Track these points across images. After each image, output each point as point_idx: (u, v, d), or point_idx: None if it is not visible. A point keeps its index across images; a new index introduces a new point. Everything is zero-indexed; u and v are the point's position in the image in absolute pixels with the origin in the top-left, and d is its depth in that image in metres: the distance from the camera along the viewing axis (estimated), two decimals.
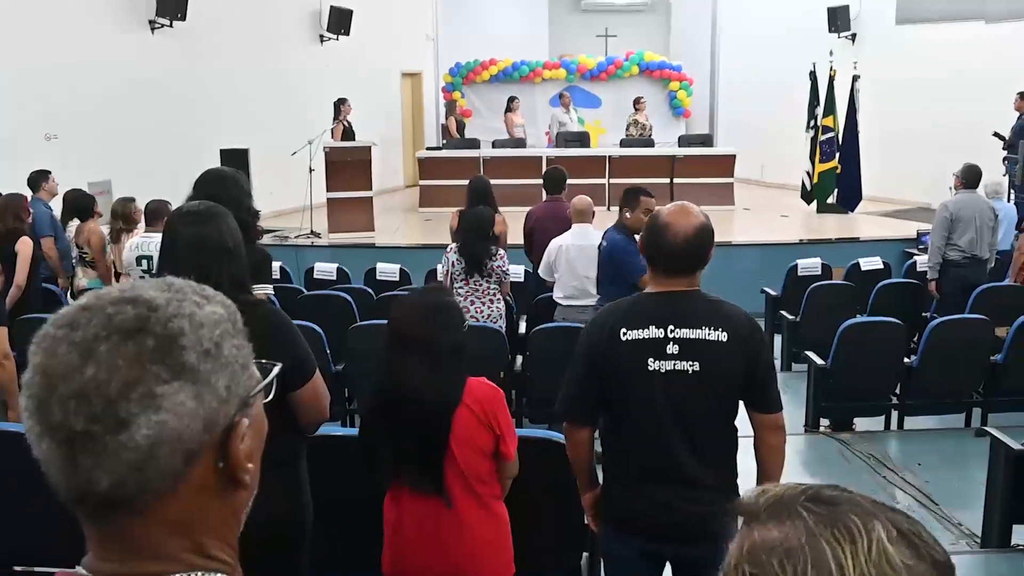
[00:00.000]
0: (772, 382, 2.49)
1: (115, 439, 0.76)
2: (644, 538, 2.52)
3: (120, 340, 0.78)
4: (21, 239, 5.75)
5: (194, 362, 0.80)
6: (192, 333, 0.81)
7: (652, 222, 2.52)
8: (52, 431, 0.77)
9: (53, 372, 0.77)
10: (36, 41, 8.64)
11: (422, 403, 2.41)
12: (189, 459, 0.80)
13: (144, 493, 0.79)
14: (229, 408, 0.83)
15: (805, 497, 0.77)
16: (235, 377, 0.84)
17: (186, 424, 0.79)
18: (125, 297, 0.82)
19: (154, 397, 0.77)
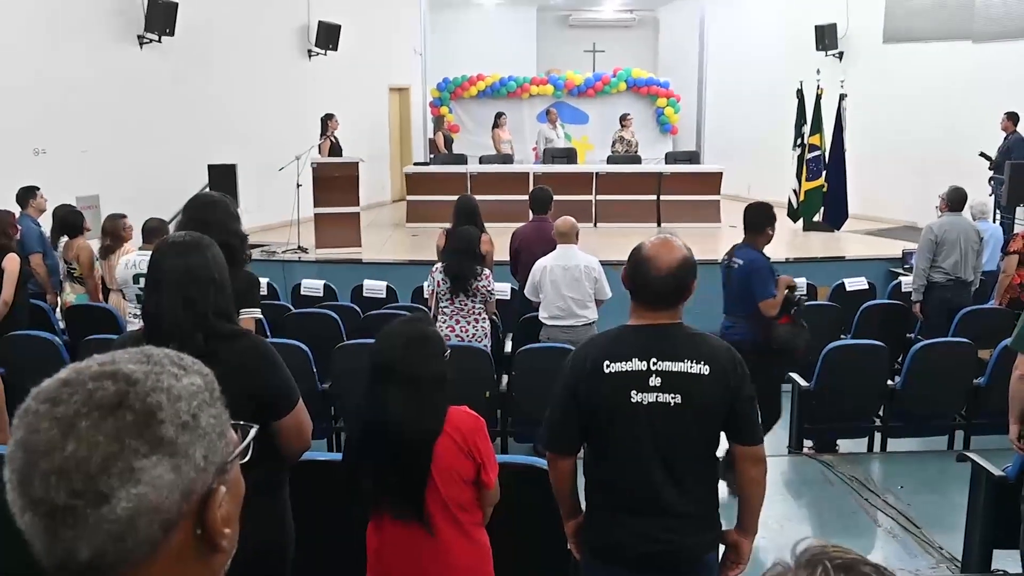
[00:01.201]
0: (753, 415, 2.51)
1: (96, 512, 0.78)
2: (625, 568, 2.53)
3: (100, 416, 0.80)
4: (8, 256, 5.73)
5: (172, 435, 0.83)
6: (170, 407, 0.84)
7: (635, 255, 2.53)
8: (34, 505, 0.79)
9: (35, 448, 0.80)
10: (25, 56, 8.62)
11: (404, 433, 2.43)
12: (167, 528, 0.83)
13: (124, 562, 0.81)
14: (207, 476, 0.86)
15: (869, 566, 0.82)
16: (212, 446, 0.87)
17: (164, 495, 0.81)
18: (105, 372, 0.84)
19: (133, 471, 0.80)
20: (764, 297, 4.92)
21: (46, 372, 3.27)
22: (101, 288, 6.84)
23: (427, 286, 5.91)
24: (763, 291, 4.92)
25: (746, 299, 4.97)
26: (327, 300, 7.50)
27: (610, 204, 12.31)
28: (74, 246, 6.77)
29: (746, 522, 2.61)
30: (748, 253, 5.07)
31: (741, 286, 4.99)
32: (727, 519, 2.63)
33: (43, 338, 5.41)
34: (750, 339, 4.79)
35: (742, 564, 2.64)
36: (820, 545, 0.85)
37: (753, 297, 4.92)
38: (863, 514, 4.67)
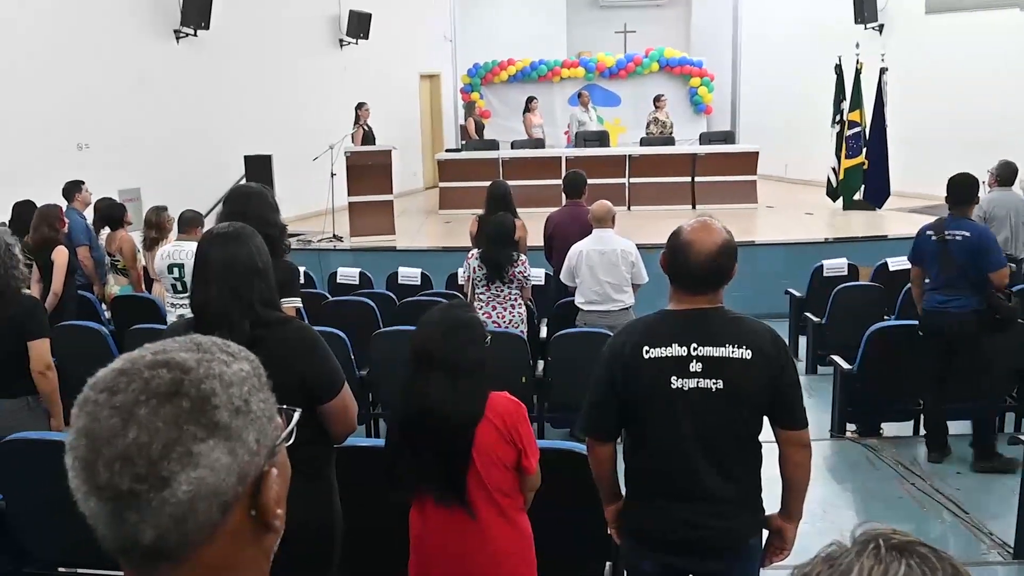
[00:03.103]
0: (797, 399, 2.47)
1: (159, 496, 0.82)
2: (666, 553, 2.52)
3: (158, 404, 0.83)
4: (57, 248, 5.85)
5: (226, 420, 0.86)
6: (223, 392, 0.87)
7: (674, 239, 2.50)
8: (99, 491, 0.83)
9: (97, 436, 0.83)
10: (67, 53, 8.75)
11: (445, 419, 2.44)
12: (225, 510, 0.86)
13: (185, 544, 0.85)
14: (259, 459, 0.89)
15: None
16: (263, 430, 0.90)
17: (222, 478, 0.85)
18: (159, 361, 0.87)
19: (192, 455, 0.83)
20: (999, 266, 4.94)
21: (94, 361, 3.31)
22: (144, 279, 6.95)
23: (462, 273, 5.91)
24: (998, 260, 4.95)
25: (970, 270, 4.92)
26: (363, 288, 7.54)
27: (644, 187, 12.22)
28: (116, 238, 6.89)
29: (791, 507, 2.58)
30: (968, 225, 5.04)
31: (968, 258, 4.93)
32: (770, 504, 2.60)
33: (91, 328, 5.50)
34: (972, 309, 4.89)
35: (787, 550, 2.62)
36: (877, 526, 0.84)
37: (981, 268, 4.90)
38: (909, 499, 4.60)
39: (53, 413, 3.91)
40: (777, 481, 2.57)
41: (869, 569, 0.79)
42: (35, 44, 8.43)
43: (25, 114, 8.23)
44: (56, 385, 3.88)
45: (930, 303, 5.05)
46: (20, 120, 8.16)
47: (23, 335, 3.77)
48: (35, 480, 3.25)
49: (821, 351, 6.56)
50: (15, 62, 8.19)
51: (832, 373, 5.56)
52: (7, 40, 8.13)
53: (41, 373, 3.80)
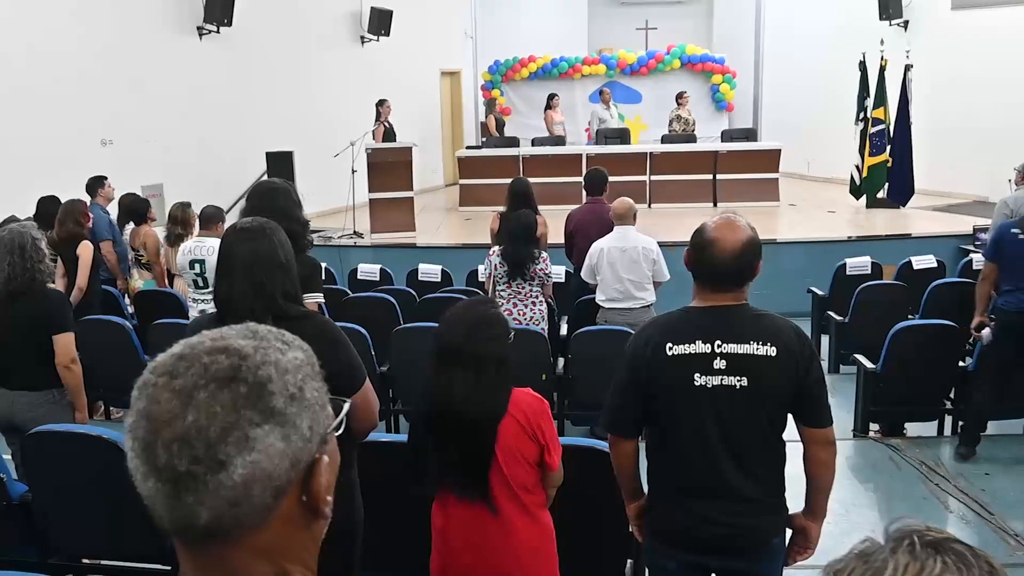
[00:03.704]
0: (823, 396, 2.45)
1: (215, 478, 0.84)
2: (689, 551, 2.51)
3: (217, 388, 0.86)
4: (82, 243, 5.90)
5: (281, 406, 0.88)
6: (279, 379, 0.89)
7: (698, 237, 2.48)
8: (158, 472, 0.85)
9: (157, 418, 0.85)
10: (91, 50, 8.84)
11: (468, 415, 2.44)
12: (278, 495, 0.88)
13: (239, 527, 0.87)
14: (312, 446, 0.91)
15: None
16: (316, 417, 0.92)
17: (276, 463, 0.86)
18: (218, 347, 0.89)
19: (248, 439, 0.85)
20: None
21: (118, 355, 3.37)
22: (167, 274, 7.01)
23: (483, 270, 5.92)
24: None
25: None
26: (383, 284, 7.57)
27: (665, 184, 12.17)
28: (140, 233, 6.96)
29: (815, 506, 2.57)
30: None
31: None
32: (793, 503, 2.58)
33: (114, 322, 5.56)
34: None
35: (810, 549, 2.60)
36: (911, 522, 0.84)
37: None
38: (933, 499, 4.55)
39: (78, 406, 3.95)
40: (800, 480, 2.55)
41: (904, 566, 0.78)
42: (59, 42, 8.50)
43: (50, 110, 8.32)
44: (81, 378, 3.92)
45: (1013, 303, 4.98)
46: (45, 116, 8.25)
47: (48, 329, 3.81)
48: (60, 472, 3.29)
49: (844, 350, 6.52)
50: (40, 59, 8.28)
51: (855, 372, 5.51)
52: (32, 38, 8.21)
53: (66, 367, 3.84)
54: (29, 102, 8.10)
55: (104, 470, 3.22)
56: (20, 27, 8.10)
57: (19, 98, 8.01)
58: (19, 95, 8.02)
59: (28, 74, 8.12)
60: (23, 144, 7.92)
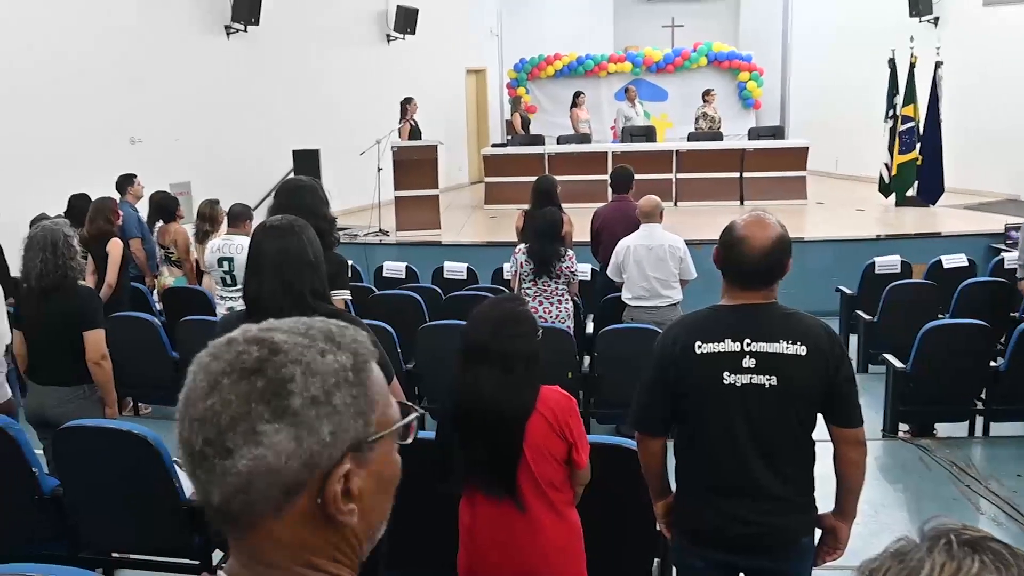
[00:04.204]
0: (853, 396, 2.43)
1: (221, 463, 0.86)
2: (717, 550, 2.49)
3: (238, 378, 0.87)
4: (112, 241, 5.95)
5: (298, 406, 0.87)
6: (302, 380, 0.88)
7: (727, 234, 2.47)
8: (182, 444, 0.89)
9: (189, 395, 0.89)
10: (121, 49, 8.93)
11: (496, 412, 2.44)
12: (290, 492, 0.87)
13: (248, 514, 0.88)
14: (333, 451, 0.89)
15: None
16: (343, 424, 0.89)
17: (283, 461, 0.86)
18: (257, 337, 0.91)
19: (255, 433, 0.85)
20: None
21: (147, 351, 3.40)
22: (196, 271, 7.07)
23: (509, 268, 5.91)
24: None
25: None
26: (409, 282, 7.59)
27: (691, 182, 12.11)
28: (170, 230, 7.02)
29: (845, 506, 2.54)
30: None
31: None
32: (822, 503, 2.56)
33: (144, 319, 5.61)
34: None
35: (840, 549, 2.58)
36: (948, 521, 0.83)
37: None
38: (964, 501, 4.49)
39: (108, 402, 4.00)
40: (830, 479, 2.53)
41: (941, 565, 0.77)
42: (88, 41, 8.61)
43: (80, 109, 8.42)
44: (111, 374, 3.96)
45: None
46: (76, 115, 8.35)
47: (79, 325, 3.85)
48: (91, 467, 3.33)
49: (872, 349, 6.45)
50: (70, 59, 8.38)
51: (883, 372, 5.45)
52: (63, 38, 8.32)
53: (96, 363, 3.88)
54: (60, 101, 8.20)
55: (134, 465, 3.26)
56: (51, 27, 8.20)
57: (50, 98, 8.12)
58: (50, 95, 8.12)
59: (58, 74, 8.22)
60: (53, 143, 8.02)
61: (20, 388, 4.25)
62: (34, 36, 8.02)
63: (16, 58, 7.80)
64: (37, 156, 7.79)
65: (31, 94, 7.93)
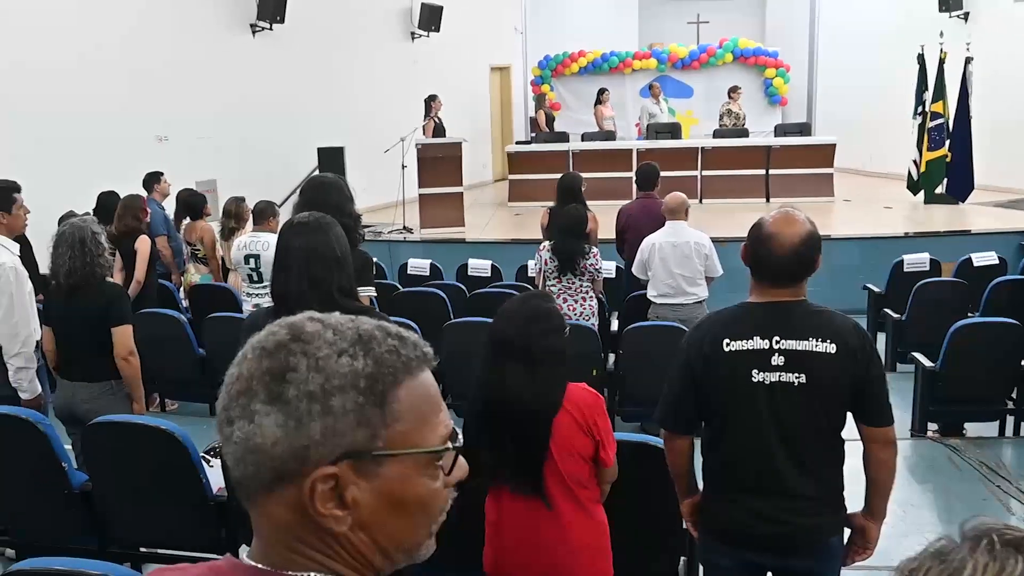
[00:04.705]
0: (883, 395, 2.40)
1: (226, 429, 0.90)
2: (744, 549, 2.48)
3: (258, 356, 0.90)
4: (140, 238, 6.01)
5: (291, 396, 0.87)
6: (303, 373, 0.88)
7: (756, 231, 2.45)
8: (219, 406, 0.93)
9: (235, 362, 0.93)
10: (147, 48, 9.02)
11: (523, 409, 2.44)
12: (281, 477, 0.88)
13: (245, 487, 0.90)
14: (325, 451, 0.87)
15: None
16: (338, 428, 0.87)
17: (269, 444, 0.87)
18: (292, 323, 0.93)
19: (249, 411, 0.88)
20: None
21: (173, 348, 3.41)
22: (221, 268, 7.12)
23: (533, 265, 5.91)
24: None
25: None
26: (433, 279, 7.60)
27: (716, 179, 12.03)
28: (196, 228, 7.07)
29: (874, 506, 2.51)
30: None
31: None
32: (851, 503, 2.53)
33: (170, 316, 5.66)
34: None
35: (869, 549, 2.55)
36: (989, 521, 0.80)
37: None
38: (994, 501, 4.42)
39: (135, 397, 4.03)
40: (858, 478, 2.50)
41: (984, 566, 0.75)
42: (115, 40, 8.69)
43: (108, 108, 8.51)
44: (138, 370, 3.99)
45: None
46: (103, 113, 8.43)
47: (107, 322, 3.89)
48: (119, 462, 3.36)
49: (901, 348, 6.38)
50: (97, 58, 8.47)
51: (912, 371, 5.40)
52: (89, 37, 8.41)
53: (124, 359, 3.91)
54: (88, 100, 8.29)
55: (161, 460, 3.28)
56: (78, 27, 8.29)
57: (78, 97, 8.21)
58: (78, 94, 8.21)
59: (86, 73, 8.31)
60: (81, 141, 8.11)
61: (49, 384, 4.29)
62: (63, 36, 8.12)
63: (46, 58, 7.89)
64: (65, 154, 7.88)
65: (60, 93, 8.03)
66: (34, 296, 4.20)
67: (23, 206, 4.22)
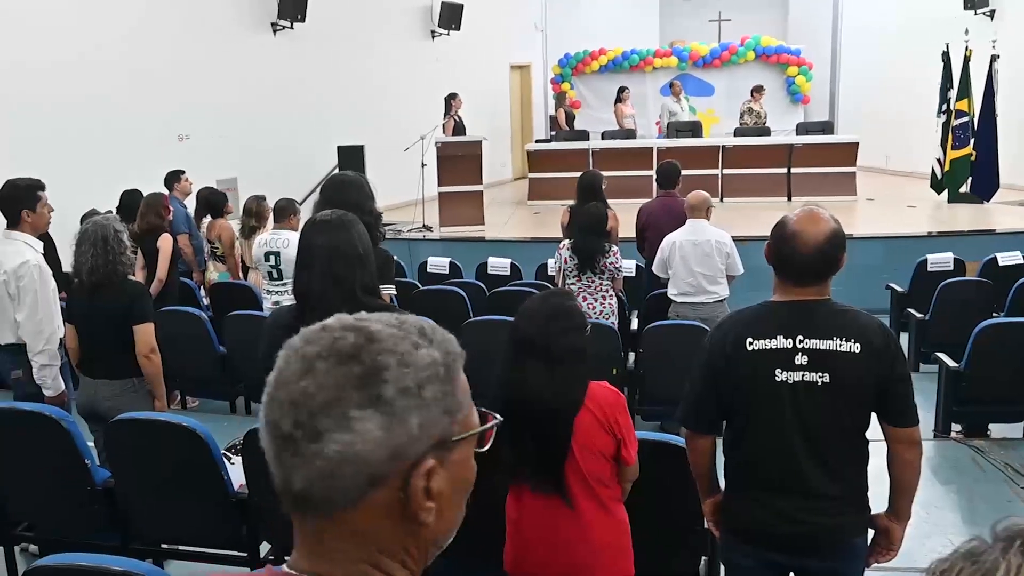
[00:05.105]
0: (908, 395, 2.38)
1: (309, 447, 0.85)
2: (767, 549, 2.46)
3: (334, 363, 0.87)
4: (162, 236, 6.06)
5: (390, 396, 0.87)
6: (396, 370, 0.88)
7: (779, 230, 2.43)
8: (269, 427, 0.89)
9: (281, 377, 0.89)
10: (167, 46, 9.08)
11: (544, 407, 2.43)
12: (374, 482, 0.87)
13: (329, 501, 0.87)
14: (420, 445, 0.88)
15: None
16: (431, 419, 0.89)
17: (371, 449, 0.86)
18: (354, 325, 0.91)
19: (347, 419, 0.85)
20: None
21: (194, 345, 3.41)
22: (241, 266, 7.15)
23: (553, 263, 5.90)
24: None
25: None
26: (452, 277, 7.60)
27: (737, 178, 11.97)
28: (216, 226, 7.11)
29: (898, 507, 2.49)
30: None
31: None
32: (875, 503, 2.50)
33: (191, 313, 5.69)
34: None
35: (893, 550, 2.53)
36: (1021, 522, 0.80)
37: None
38: (1019, 503, 4.37)
39: (157, 395, 4.05)
40: (881, 479, 2.48)
41: (1017, 567, 0.74)
42: (136, 39, 8.75)
43: (130, 107, 8.57)
44: (160, 368, 4.02)
45: None
46: (126, 112, 8.50)
47: (129, 320, 3.91)
48: (141, 459, 3.38)
49: (924, 348, 6.32)
50: (120, 58, 8.53)
51: (935, 371, 5.34)
52: (110, 35, 8.47)
53: (146, 356, 3.93)
54: (110, 99, 8.36)
55: (183, 457, 3.30)
56: (99, 25, 8.36)
57: (100, 96, 8.27)
58: (101, 93, 8.28)
59: (109, 72, 8.38)
60: (103, 140, 8.18)
61: (72, 381, 4.33)
62: (86, 36, 8.18)
63: (66, 57, 7.96)
64: (88, 153, 7.95)
65: (83, 93, 8.10)
66: (57, 294, 4.24)
67: (47, 204, 4.25)
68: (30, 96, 7.58)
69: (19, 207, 4.13)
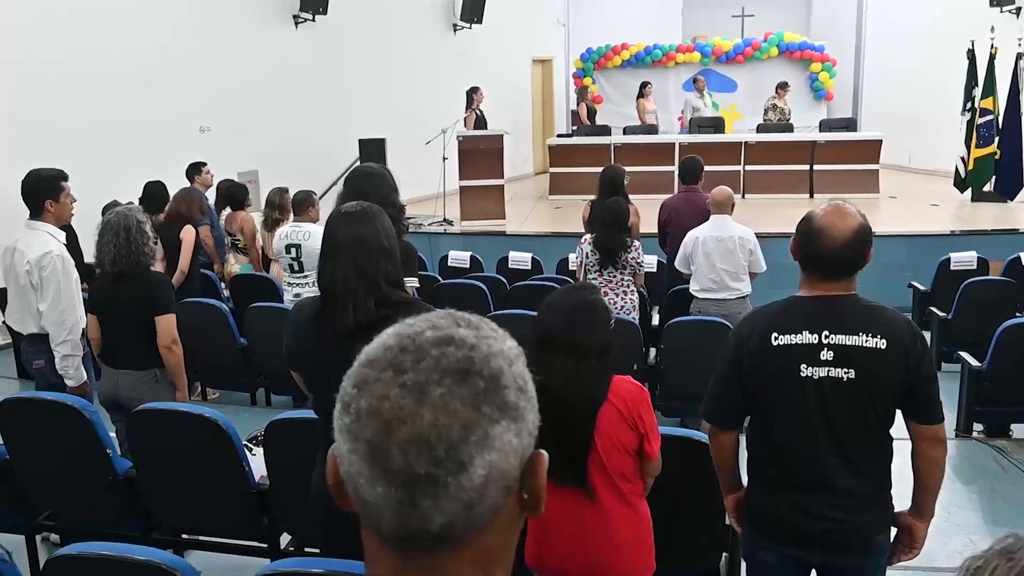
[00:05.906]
0: (934, 392, 2.35)
1: (455, 481, 0.77)
2: (789, 545, 2.44)
3: (453, 383, 0.79)
4: (185, 227, 6.10)
5: (514, 400, 0.81)
6: (509, 372, 0.83)
7: (806, 225, 2.40)
8: (390, 475, 0.77)
9: (389, 417, 0.78)
10: (189, 39, 9.13)
11: (568, 401, 2.41)
12: (508, 493, 0.82)
13: (469, 529, 0.80)
14: (533, 440, 0.85)
15: None
16: (535, 409, 0.86)
17: (510, 461, 0.80)
18: (442, 337, 0.82)
19: (489, 437, 0.79)
20: None
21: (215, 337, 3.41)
22: (262, 258, 7.18)
23: (575, 258, 5.89)
24: None
25: None
26: (473, 271, 7.61)
27: (760, 174, 11.90)
28: (237, 218, 7.14)
29: (922, 505, 2.47)
30: None
31: None
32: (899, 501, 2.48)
33: (213, 305, 5.73)
34: None
35: (916, 549, 2.50)
36: None
37: None
38: None
39: (178, 386, 4.07)
40: (904, 478, 2.45)
41: None
42: (161, 32, 8.81)
43: (153, 99, 8.63)
44: (181, 359, 4.04)
45: None
46: (148, 105, 8.56)
47: (151, 310, 3.93)
48: (163, 449, 3.40)
49: (947, 347, 6.25)
50: (143, 50, 8.58)
51: (957, 370, 5.29)
52: (135, 30, 8.53)
53: (167, 347, 3.96)
54: (133, 92, 8.41)
55: (205, 448, 3.31)
56: (121, 19, 8.40)
57: (123, 88, 8.34)
58: (123, 85, 8.34)
59: (132, 65, 8.44)
60: (125, 132, 8.23)
61: (95, 371, 4.36)
62: (109, 29, 8.23)
63: (90, 49, 8.02)
64: (109, 145, 8.00)
65: (106, 85, 8.16)
66: (80, 284, 4.27)
67: (70, 195, 4.27)
68: (53, 88, 7.64)
69: (42, 197, 4.15)
